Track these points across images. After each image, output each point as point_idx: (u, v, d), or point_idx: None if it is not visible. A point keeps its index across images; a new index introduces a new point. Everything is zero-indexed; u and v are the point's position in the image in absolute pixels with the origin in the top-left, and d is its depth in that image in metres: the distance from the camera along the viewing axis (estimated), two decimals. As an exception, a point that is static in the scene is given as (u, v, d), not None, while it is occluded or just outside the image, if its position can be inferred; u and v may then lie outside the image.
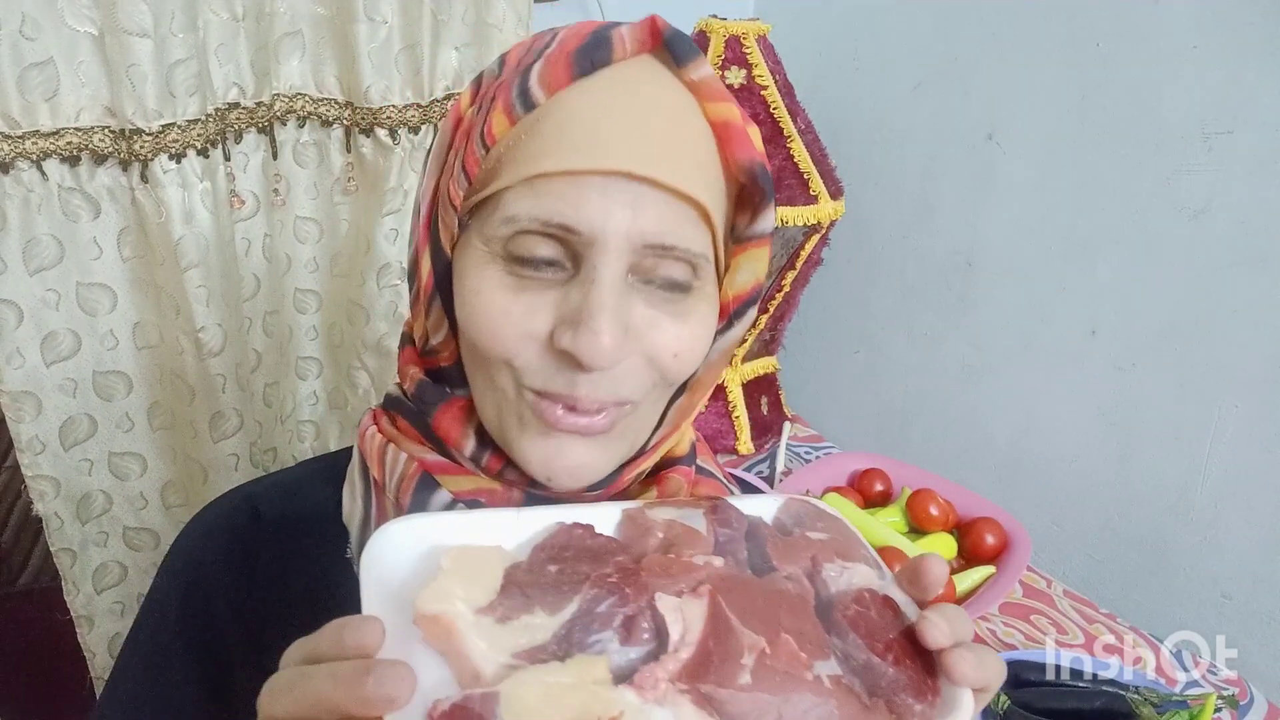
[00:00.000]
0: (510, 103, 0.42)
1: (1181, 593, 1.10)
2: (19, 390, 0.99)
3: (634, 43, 0.42)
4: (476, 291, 0.43)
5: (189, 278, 1.00)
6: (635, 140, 0.41)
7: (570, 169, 0.40)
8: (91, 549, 1.10)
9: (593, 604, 0.34)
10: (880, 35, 1.37)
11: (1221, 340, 1.02)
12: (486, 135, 0.42)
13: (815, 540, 0.41)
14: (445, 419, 0.47)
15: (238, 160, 1.07)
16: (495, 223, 0.42)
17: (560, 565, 0.36)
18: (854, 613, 0.37)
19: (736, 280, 0.47)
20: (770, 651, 0.34)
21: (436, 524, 0.38)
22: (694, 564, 0.37)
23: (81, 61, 0.92)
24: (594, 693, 0.32)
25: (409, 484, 0.46)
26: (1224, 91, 0.97)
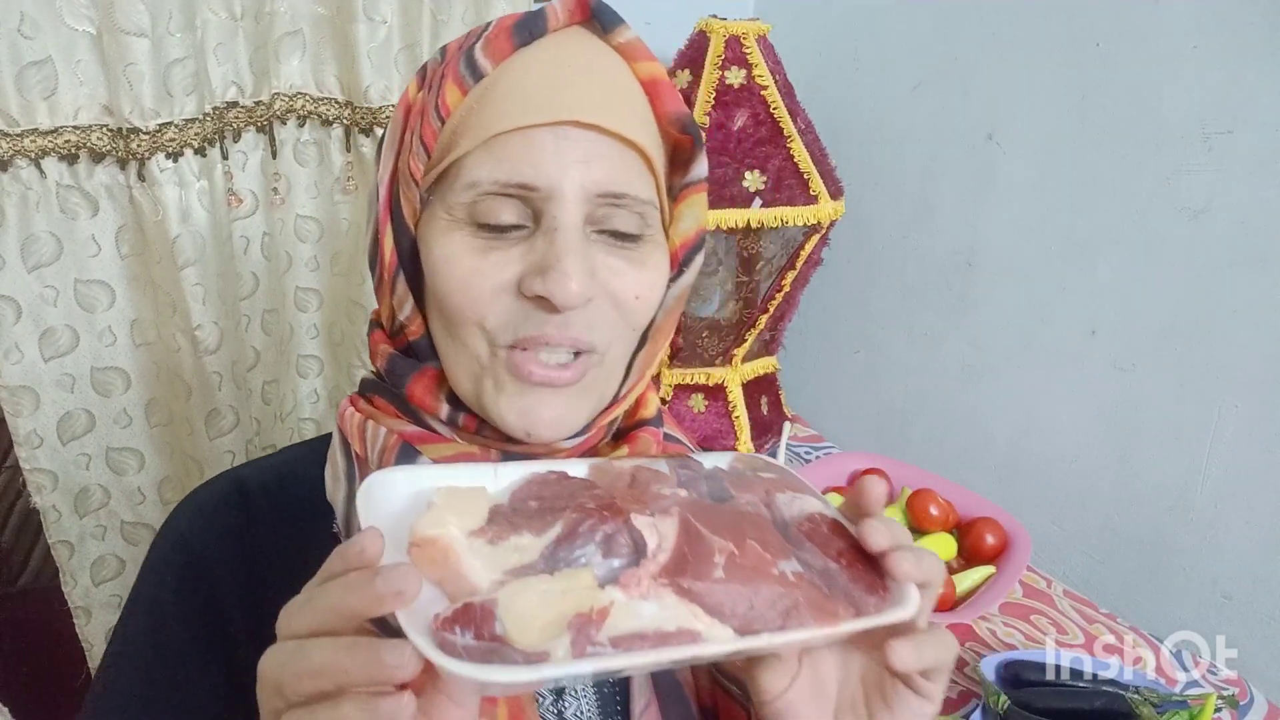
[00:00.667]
0: (459, 75, 0.45)
1: (1181, 593, 1.10)
2: (17, 385, 1.00)
3: (565, 14, 0.47)
4: (446, 259, 0.45)
5: (186, 276, 1.01)
6: (579, 92, 0.44)
7: (523, 124, 0.43)
8: (89, 542, 1.10)
9: (574, 525, 0.37)
10: (880, 35, 1.36)
11: (1221, 340, 1.02)
12: (441, 108, 0.45)
13: (767, 478, 0.46)
14: (418, 388, 0.49)
15: (236, 159, 1.07)
16: (458, 189, 0.45)
17: (539, 501, 0.39)
18: (807, 528, 0.42)
19: (680, 228, 0.51)
20: (739, 553, 0.38)
21: (424, 472, 0.41)
22: (662, 494, 0.41)
23: (80, 60, 0.92)
24: (584, 593, 0.35)
25: (390, 454, 0.48)
26: (1224, 91, 0.97)
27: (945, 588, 0.97)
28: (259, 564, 0.50)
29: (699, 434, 1.36)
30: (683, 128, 0.48)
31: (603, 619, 0.34)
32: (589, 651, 0.33)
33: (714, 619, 0.36)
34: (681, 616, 0.36)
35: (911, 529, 1.10)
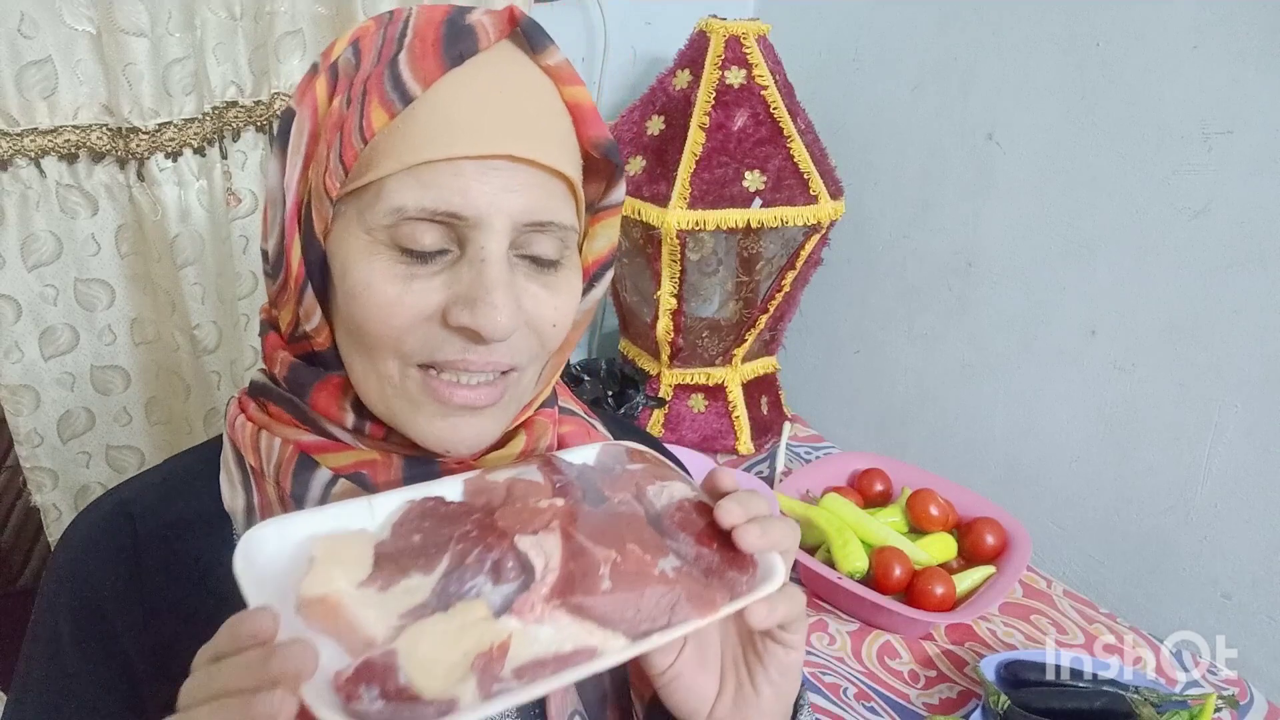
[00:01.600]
0: (386, 96, 0.43)
1: (1181, 593, 1.10)
2: (17, 384, 1.00)
3: (495, 31, 0.45)
4: (366, 285, 0.44)
5: (184, 275, 1.01)
6: (510, 124, 0.43)
7: (452, 155, 0.42)
8: None
9: (461, 557, 0.38)
10: (880, 35, 1.37)
11: (1221, 340, 1.02)
12: (365, 129, 0.43)
13: (635, 470, 0.48)
14: (322, 397, 0.48)
15: (235, 158, 1.07)
16: (380, 212, 0.43)
17: (422, 534, 0.40)
18: (678, 518, 0.44)
19: (595, 246, 0.52)
20: (621, 560, 0.40)
21: (297, 522, 0.40)
22: (540, 507, 0.42)
23: (79, 60, 0.92)
24: (481, 628, 0.36)
25: (287, 467, 0.47)
26: (1224, 91, 0.97)
27: (945, 587, 0.97)
28: (151, 588, 0.49)
29: (699, 434, 1.36)
30: (605, 153, 0.48)
31: (504, 654, 0.35)
32: (495, 690, 0.34)
33: (606, 630, 0.38)
34: (576, 635, 0.38)
35: (911, 529, 1.10)
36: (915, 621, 0.95)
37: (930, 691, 0.92)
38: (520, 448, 0.52)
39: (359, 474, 0.48)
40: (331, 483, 0.47)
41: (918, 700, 0.91)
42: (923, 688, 0.92)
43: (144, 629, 0.48)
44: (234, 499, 0.50)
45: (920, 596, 0.97)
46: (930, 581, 0.97)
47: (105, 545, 0.50)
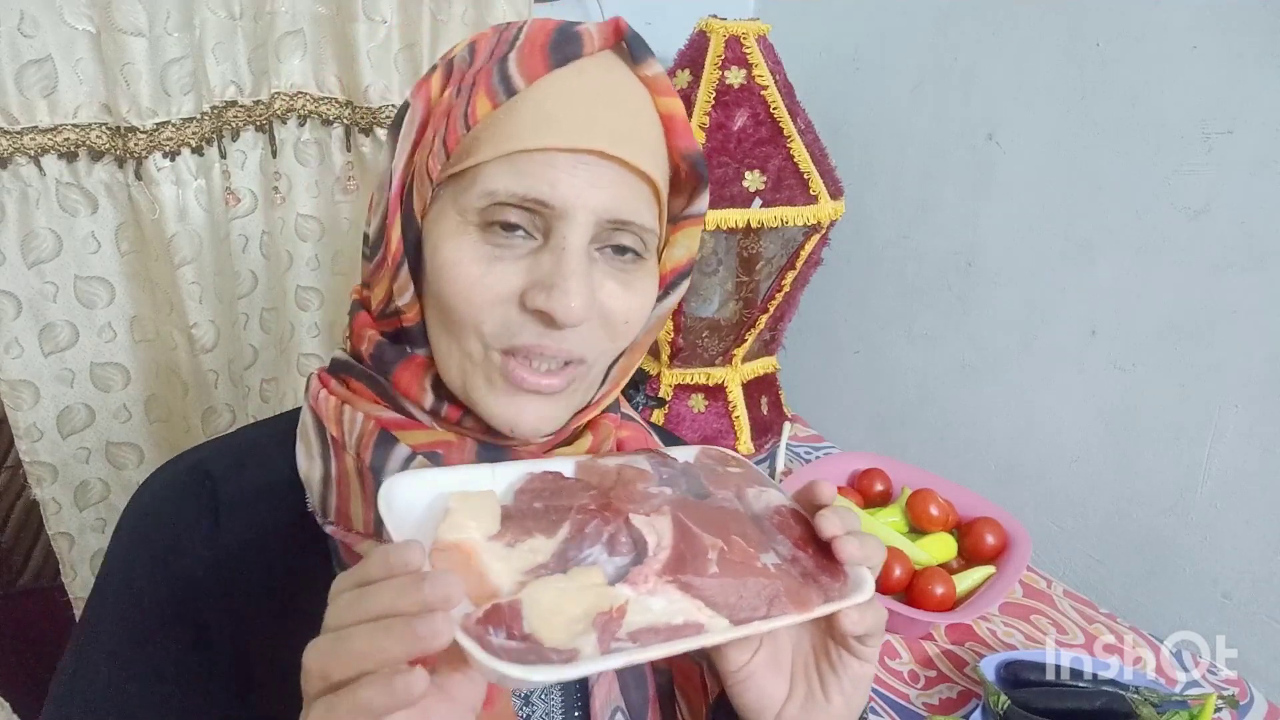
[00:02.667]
0: (492, 87, 0.46)
1: (1181, 593, 1.10)
2: (17, 379, 1.00)
3: (600, 39, 0.48)
4: (454, 262, 0.46)
5: (182, 274, 1.01)
6: (604, 123, 0.46)
7: (547, 146, 0.45)
8: (89, 535, 1.11)
9: (580, 526, 0.41)
10: (880, 35, 1.37)
11: (1221, 340, 1.02)
12: (470, 116, 0.46)
13: (735, 473, 0.51)
14: (405, 375, 0.51)
15: (235, 158, 1.07)
16: (474, 195, 0.46)
17: (544, 502, 0.43)
18: (776, 521, 0.47)
19: (674, 254, 0.54)
20: (727, 549, 0.43)
21: (433, 475, 0.44)
22: (650, 492, 0.45)
23: (79, 59, 0.92)
24: (599, 591, 0.39)
25: (369, 440, 0.49)
26: (1224, 91, 0.97)
27: (945, 587, 0.97)
28: (229, 545, 0.50)
29: (699, 434, 1.36)
30: (692, 165, 0.51)
31: (621, 616, 0.38)
32: (613, 647, 0.37)
33: (712, 610, 0.41)
34: (686, 610, 0.40)
35: (911, 529, 1.10)
36: (915, 621, 0.95)
37: (930, 691, 0.92)
38: (586, 446, 0.54)
39: (434, 453, 0.50)
40: (409, 458, 0.49)
41: (918, 700, 0.90)
42: (923, 688, 0.92)
43: (220, 581, 0.49)
44: (311, 468, 0.51)
45: (920, 596, 0.97)
46: (930, 581, 0.97)
47: (185, 498, 0.52)
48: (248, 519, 0.51)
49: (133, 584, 0.50)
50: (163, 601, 0.49)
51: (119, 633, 0.49)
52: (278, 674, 0.36)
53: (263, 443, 0.55)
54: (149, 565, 0.50)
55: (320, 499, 0.50)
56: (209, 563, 0.50)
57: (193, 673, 0.48)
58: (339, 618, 0.36)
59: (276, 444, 0.54)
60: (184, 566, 0.49)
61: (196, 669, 0.48)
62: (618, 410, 0.59)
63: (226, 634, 0.49)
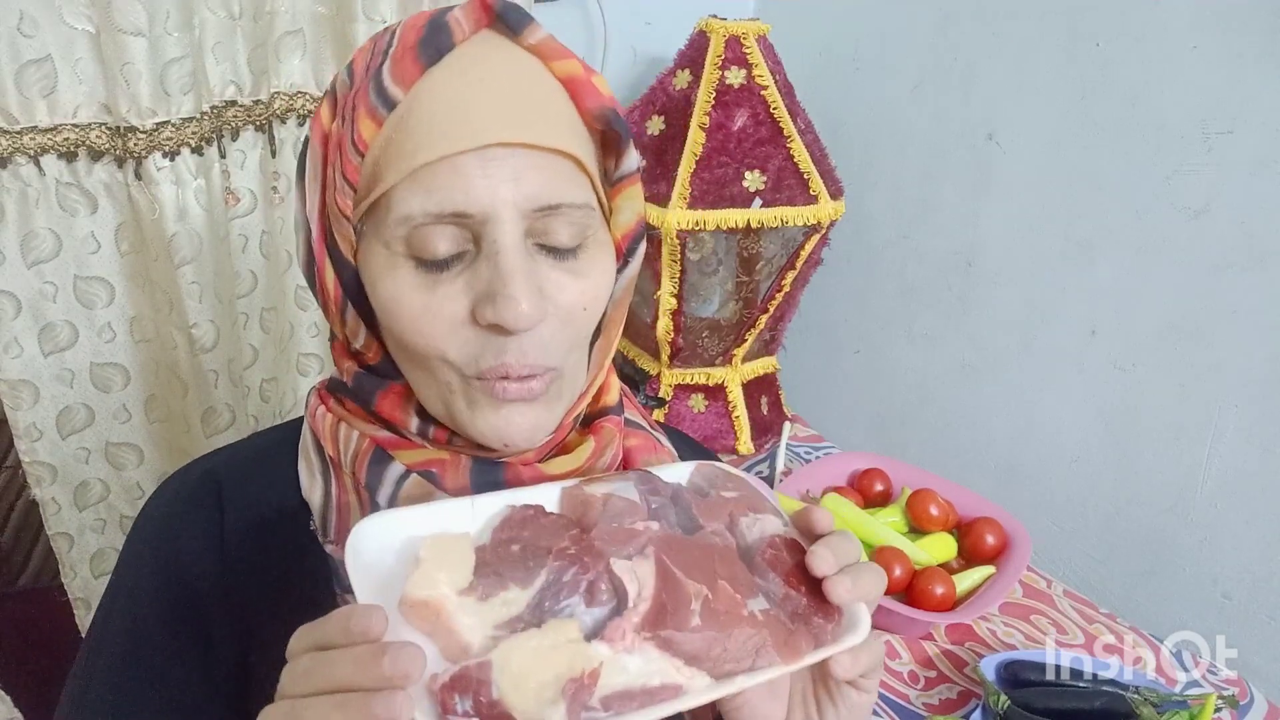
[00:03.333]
0: (371, 105, 0.43)
1: (1181, 593, 1.10)
2: (16, 379, 1.00)
3: (470, 22, 0.44)
4: (394, 299, 0.44)
5: (182, 274, 1.01)
6: (499, 110, 0.43)
7: (446, 153, 0.42)
8: (89, 535, 1.11)
9: (558, 575, 0.39)
10: (880, 35, 1.37)
11: (1221, 340, 1.02)
12: (358, 142, 0.44)
13: (729, 498, 0.48)
14: (386, 405, 0.50)
15: (234, 157, 1.07)
16: (391, 224, 0.43)
17: (521, 544, 0.40)
18: (770, 555, 0.44)
19: (621, 220, 0.51)
20: (712, 597, 0.41)
21: (405, 518, 0.42)
22: (635, 530, 0.42)
23: (79, 59, 0.92)
24: (573, 650, 0.37)
25: (363, 459, 0.49)
26: (1224, 91, 0.97)
27: (945, 587, 0.97)
28: (234, 557, 0.50)
29: (699, 434, 1.36)
30: (608, 123, 0.47)
31: (594, 682, 0.36)
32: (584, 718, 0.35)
33: (692, 668, 0.39)
34: (663, 670, 0.38)
35: (911, 529, 1.10)
36: (915, 621, 0.95)
37: (930, 692, 0.92)
38: (588, 453, 0.52)
39: (429, 471, 0.49)
40: (403, 477, 0.48)
41: (918, 700, 0.90)
42: (923, 688, 0.92)
43: (224, 593, 0.49)
44: (312, 487, 0.51)
45: (920, 596, 0.97)
46: (930, 581, 0.97)
47: (193, 508, 0.51)
48: (253, 532, 0.51)
49: (140, 593, 0.50)
50: (168, 612, 0.49)
51: (125, 640, 0.49)
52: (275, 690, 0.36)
53: (273, 452, 0.54)
54: (156, 575, 0.50)
55: (321, 517, 0.50)
56: (214, 575, 0.50)
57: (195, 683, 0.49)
58: (295, 685, 0.35)
59: (286, 453, 0.54)
60: (189, 578, 0.50)
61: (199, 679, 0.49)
62: (622, 412, 0.57)
63: (229, 646, 0.49)
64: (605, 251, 0.49)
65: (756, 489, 0.50)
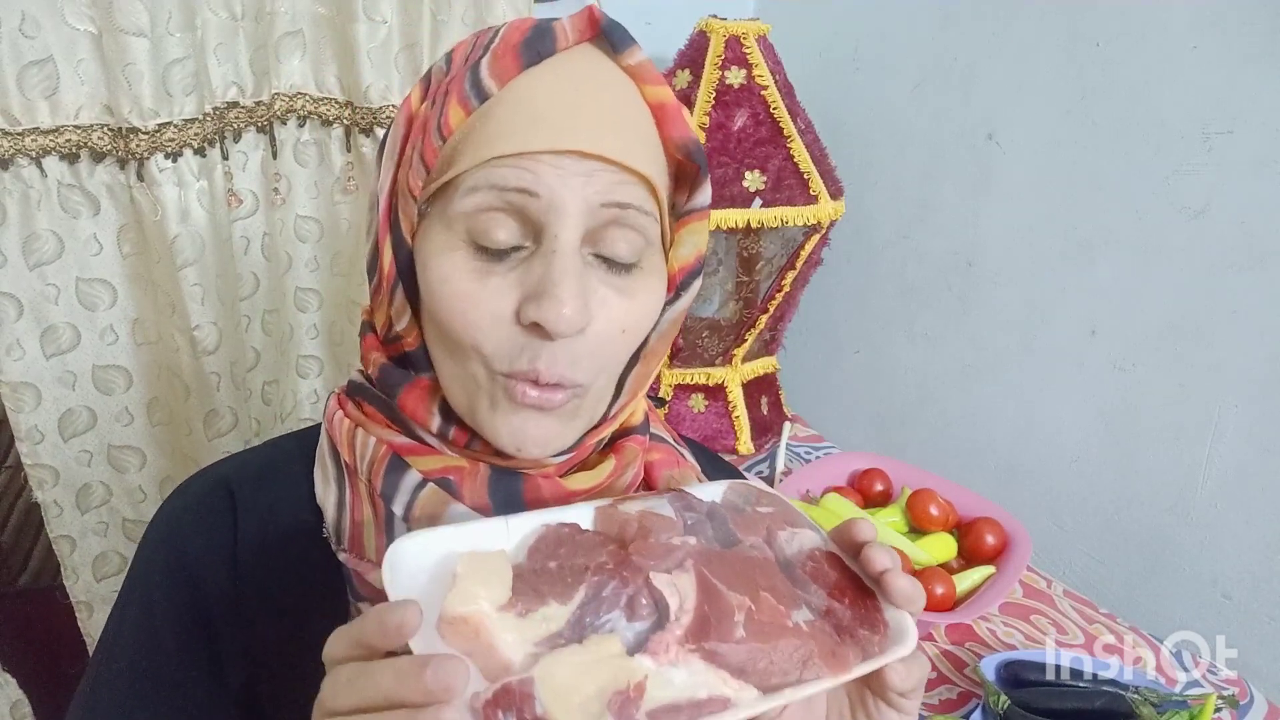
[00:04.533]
0: (464, 94, 0.44)
1: (1181, 593, 1.10)
2: (18, 381, 1.00)
3: (575, 32, 0.45)
4: (444, 280, 0.44)
5: (184, 276, 1.01)
6: (584, 120, 0.43)
7: (526, 150, 0.42)
8: (91, 538, 1.11)
9: (597, 589, 0.38)
10: (880, 35, 1.37)
11: (1221, 340, 1.02)
12: (444, 127, 0.44)
13: (766, 513, 0.47)
14: (410, 399, 0.49)
15: (236, 159, 1.07)
16: (455, 203, 0.44)
17: (558, 561, 0.39)
18: (810, 568, 0.43)
19: (680, 253, 0.50)
20: (755, 608, 0.40)
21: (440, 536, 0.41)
22: (673, 545, 0.41)
23: (81, 60, 0.92)
24: (617, 664, 0.36)
25: (379, 466, 0.48)
26: (1224, 91, 0.97)
27: (945, 587, 0.97)
28: (245, 565, 0.50)
29: (699, 434, 1.36)
30: (689, 155, 0.47)
31: (640, 695, 0.35)
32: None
33: (739, 681, 0.38)
34: (710, 682, 0.37)
35: (911, 529, 1.10)
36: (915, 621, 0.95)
37: (930, 692, 0.92)
38: (609, 471, 0.51)
39: (446, 479, 0.48)
40: (419, 486, 0.48)
41: (918, 700, 0.90)
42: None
43: (233, 602, 0.49)
44: (326, 494, 0.50)
45: (920, 596, 0.97)
46: (930, 581, 0.97)
47: (205, 514, 0.51)
48: (267, 541, 0.51)
49: (151, 603, 0.50)
50: (178, 623, 0.49)
51: (136, 650, 0.49)
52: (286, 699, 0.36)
53: (287, 460, 0.54)
54: (167, 586, 0.50)
55: (335, 525, 0.50)
56: (226, 585, 0.49)
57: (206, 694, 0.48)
58: (336, 699, 0.34)
59: (299, 461, 0.53)
60: (201, 588, 0.49)
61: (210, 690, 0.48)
62: (647, 431, 0.57)
63: (239, 657, 0.49)
64: (658, 279, 0.48)
65: (791, 505, 0.49)
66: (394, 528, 0.48)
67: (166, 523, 0.52)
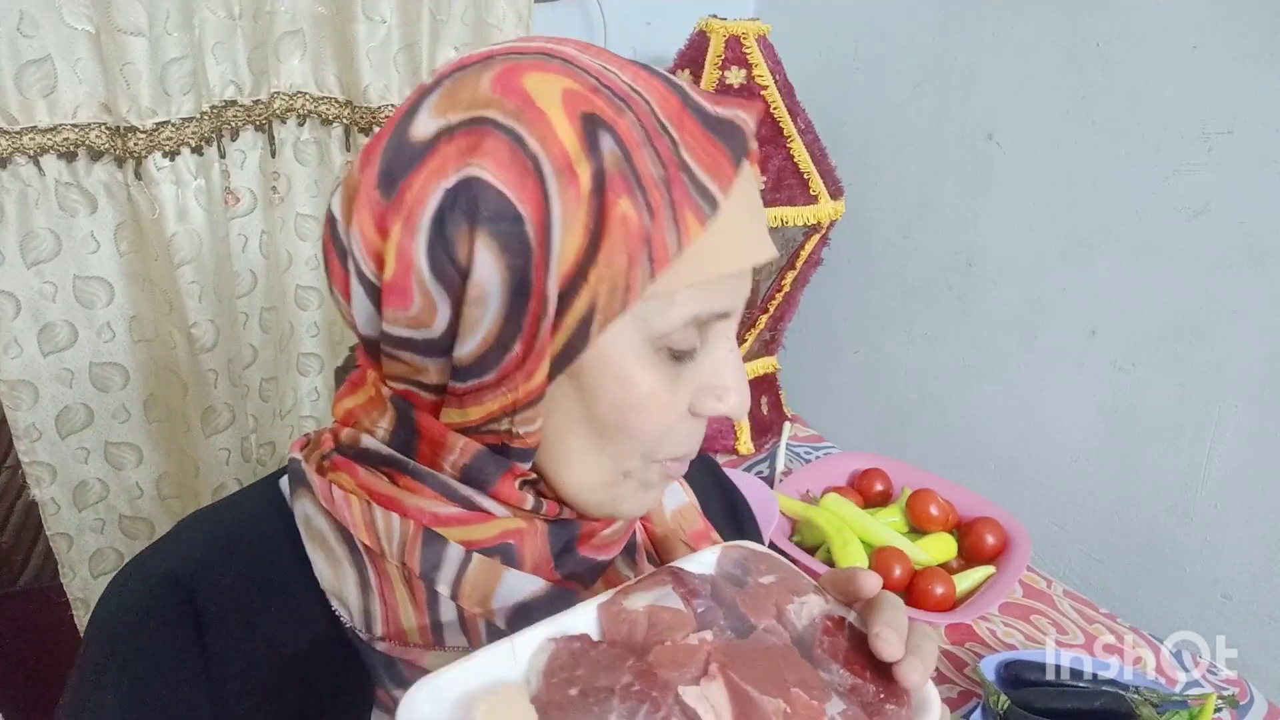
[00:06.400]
0: (697, 206, 0.40)
1: (1181, 593, 1.10)
2: (16, 379, 1.00)
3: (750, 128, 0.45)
4: (652, 393, 0.43)
5: (182, 274, 1.01)
6: (764, 224, 0.45)
7: (745, 265, 0.43)
8: (88, 535, 1.11)
9: (629, 717, 0.36)
10: (880, 35, 1.37)
11: (1221, 340, 1.02)
12: (683, 237, 0.40)
13: (769, 584, 0.45)
14: (505, 488, 0.44)
15: (234, 157, 1.07)
16: (670, 321, 0.41)
17: (580, 687, 0.37)
18: (828, 645, 0.42)
19: None
20: (791, 710, 0.38)
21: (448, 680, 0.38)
22: (691, 645, 0.39)
23: (79, 59, 0.92)
24: None
25: (414, 545, 0.43)
26: (1224, 91, 0.97)
27: (945, 587, 0.97)
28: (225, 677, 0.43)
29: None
30: None
31: None
32: None
33: None
34: None
35: (911, 529, 1.10)
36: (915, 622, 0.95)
37: (930, 691, 0.92)
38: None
39: (506, 544, 0.44)
40: (465, 559, 0.43)
41: (917, 700, 0.90)
42: (922, 688, 0.92)
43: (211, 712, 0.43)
44: (340, 579, 0.44)
45: (920, 596, 0.97)
46: (930, 581, 0.97)
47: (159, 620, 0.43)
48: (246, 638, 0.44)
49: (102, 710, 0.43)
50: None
51: None
52: None
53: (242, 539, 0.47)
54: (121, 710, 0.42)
55: (361, 611, 0.43)
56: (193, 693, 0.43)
57: None
58: None
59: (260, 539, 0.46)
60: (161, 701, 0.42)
61: None
62: None
63: None
64: None
65: (788, 566, 0.47)
66: (438, 607, 0.43)
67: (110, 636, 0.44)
